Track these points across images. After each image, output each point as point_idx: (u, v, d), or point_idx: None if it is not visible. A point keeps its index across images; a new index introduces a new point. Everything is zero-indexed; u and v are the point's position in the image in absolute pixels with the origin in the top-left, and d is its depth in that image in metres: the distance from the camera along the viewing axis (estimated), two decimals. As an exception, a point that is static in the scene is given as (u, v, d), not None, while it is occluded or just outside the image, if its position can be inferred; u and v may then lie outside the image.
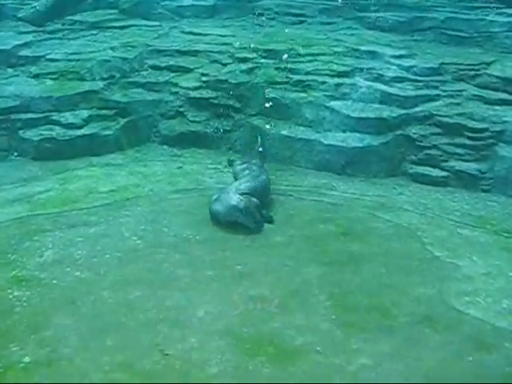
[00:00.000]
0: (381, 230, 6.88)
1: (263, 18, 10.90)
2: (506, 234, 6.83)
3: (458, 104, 8.73)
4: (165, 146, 9.45)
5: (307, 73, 9.38)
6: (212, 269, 5.92)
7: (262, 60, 9.74)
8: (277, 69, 9.53)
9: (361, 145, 8.47)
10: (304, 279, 5.78)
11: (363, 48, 9.75)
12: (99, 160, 8.86)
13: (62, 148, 8.90)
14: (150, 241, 6.50)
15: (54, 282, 5.68)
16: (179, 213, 7.17)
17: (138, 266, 5.98)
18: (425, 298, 5.54)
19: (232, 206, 6.71)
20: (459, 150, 8.33)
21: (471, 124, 8.38)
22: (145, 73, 10.02)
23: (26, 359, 4.60)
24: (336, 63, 9.47)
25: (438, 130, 8.52)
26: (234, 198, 6.77)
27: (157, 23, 11.06)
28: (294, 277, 5.82)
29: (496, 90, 8.81)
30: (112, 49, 10.27)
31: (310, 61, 9.62)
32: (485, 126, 8.30)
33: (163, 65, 10.07)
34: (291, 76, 9.39)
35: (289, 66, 9.48)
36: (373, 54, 9.60)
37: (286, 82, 9.34)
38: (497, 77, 8.89)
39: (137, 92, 9.73)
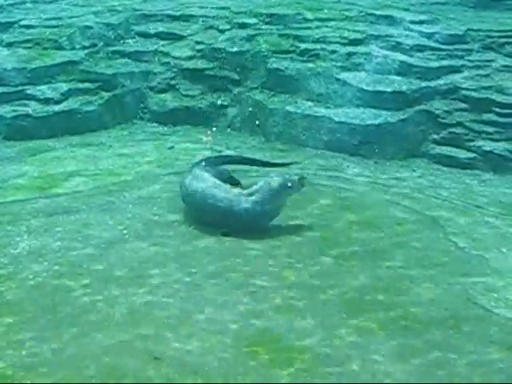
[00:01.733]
0: (398, 218, 6.86)
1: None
2: (539, 224, 6.83)
3: (487, 76, 8.70)
4: (154, 124, 9.44)
5: (315, 40, 9.34)
6: (209, 263, 5.90)
7: (264, 26, 9.71)
8: (281, 36, 9.50)
9: (376, 122, 8.45)
10: (311, 274, 5.76)
11: (379, 12, 9.69)
12: (80, 139, 8.85)
13: (37, 126, 8.89)
14: (139, 231, 6.48)
15: (30, 277, 5.67)
16: (171, 199, 7.15)
17: (125, 259, 5.97)
18: (448, 294, 5.53)
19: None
20: (487, 128, 8.30)
21: (501, 98, 8.35)
22: (131, 41, 9.98)
23: (0, 364, 4.60)
24: (348, 29, 9.42)
25: (463, 106, 8.49)
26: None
27: (145, -17, 11.02)
28: (299, 271, 5.80)
29: (529, 59, 8.82)
30: (94, 13, 10.23)
31: (318, 27, 9.58)
32: (517, 100, 8.30)
33: (152, 31, 10.04)
34: (297, 44, 9.35)
35: (294, 32, 9.45)
36: (390, 20, 9.55)
37: (292, 51, 9.30)
38: (530, 45, 8.88)
39: (122, 62, 9.69)
